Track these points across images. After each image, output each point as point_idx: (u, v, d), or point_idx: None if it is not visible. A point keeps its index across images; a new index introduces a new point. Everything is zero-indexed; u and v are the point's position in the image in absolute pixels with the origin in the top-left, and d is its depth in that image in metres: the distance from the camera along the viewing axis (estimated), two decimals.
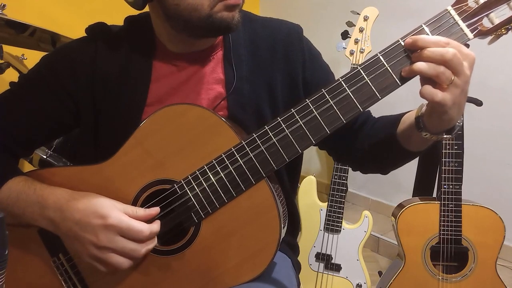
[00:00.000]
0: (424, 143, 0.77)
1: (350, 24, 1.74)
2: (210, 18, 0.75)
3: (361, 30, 1.70)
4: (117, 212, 0.72)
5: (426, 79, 0.65)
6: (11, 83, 0.90)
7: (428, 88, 0.64)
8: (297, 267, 1.00)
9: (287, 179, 0.93)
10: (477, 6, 0.64)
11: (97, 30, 0.89)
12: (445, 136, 0.72)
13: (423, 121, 0.72)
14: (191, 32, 0.81)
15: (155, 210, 0.76)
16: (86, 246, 0.73)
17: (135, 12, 0.91)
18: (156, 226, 0.75)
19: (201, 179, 0.75)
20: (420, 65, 0.64)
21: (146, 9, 0.86)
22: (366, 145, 0.87)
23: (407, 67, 0.66)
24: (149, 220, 0.76)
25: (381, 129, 0.85)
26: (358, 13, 1.73)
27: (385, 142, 0.82)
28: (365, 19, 1.70)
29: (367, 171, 0.96)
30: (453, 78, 0.63)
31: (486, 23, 0.65)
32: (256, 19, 0.92)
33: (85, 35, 0.90)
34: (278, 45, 0.88)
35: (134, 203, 0.78)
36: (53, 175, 0.83)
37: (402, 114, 0.81)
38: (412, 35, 0.66)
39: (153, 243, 0.75)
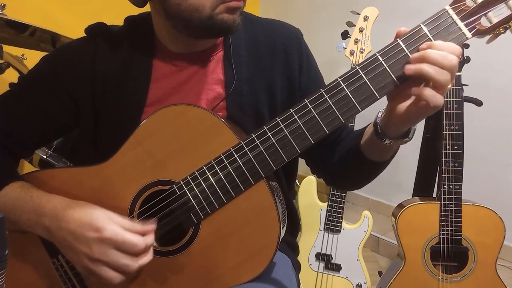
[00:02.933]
0: (384, 151, 0.78)
1: (350, 24, 1.74)
2: (211, 19, 0.75)
3: (361, 30, 1.70)
4: (113, 225, 0.71)
5: (417, 80, 0.65)
6: (11, 84, 0.90)
7: (431, 91, 0.63)
8: (297, 266, 1.00)
9: (284, 179, 0.93)
10: (475, 5, 0.64)
11: (97, 30, 0.89)
12: (404, 140, 0.73)
13: (381, 127, 0.73)
14: (191, 33, 0.80)
15: (152, 226, 0.74)
16: (79, 257, 0.72)
17: (135, 12, 0.91)
18: (150, 239, 0.73)
19: (200, 179, 0.75)
20: (428, 68, 0.63)
21: (147, 8, 0.87)
22: (336, 157, 0.88)
23: (412, 65, 0.64)
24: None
25: (348, 142, 0.87)
26: (358, 13, 1.73)
27: (351, 154, 0.83)
28: (365, 19, 1.70)
29: (339, 185, 0.97)
30: (450, 86, 0.64)
31: (484, 22, 0.65)
32: (257, 21, 0.92)
33: (85, 35, 0.90)
34: (278, 48, 0.88)
35: (132, 205, 0.78)
36: (51, 178, 0.83)
37: (366, 126, 0.81)
38: (410, 34, 0.66)
39: (148, 256, 0.73)
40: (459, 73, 1.43)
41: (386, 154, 0.79)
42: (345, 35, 1.76)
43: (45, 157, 1.52)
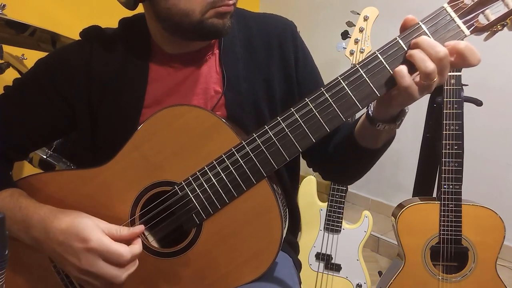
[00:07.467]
0: (376, 137, 0.78)
1: (350, 24, 1.74)
2: (201, 24, 0.75)
3: (361, 30, 1.71)
4: (99, 234, 0.70)
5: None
6: (5, 87, 0.90)
7: (404, 70, 0.64)
8: (298, 265, 1.00)
9: (288, 177, 0.93)
10: (472, 3, 0.65)
11: (92, 33, 0.89)
12: (396, 123, 0.73)
13: (372, 111, 0.74)
14: (182, 36, 0.81)
15: (140, 228, 0.74)
16: (69, 268, 0.73)
17: (130, 13, 0.91)
18: (137, 247, 0.73)
19: (202, 180, 0.75)
20: (417, 52, 0.63)
21: (141, 9, 0.87)
22: (332, 147, 0.89)
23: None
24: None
25: (343, 131, 0.87)
26: (358, 13, 1.73)
27: (345, 142, 0.84)
28: (365, 19, 1.70)
29: (333, 176, 1.00)
30: (435, 79, 0.63)
31: (482, 20, 0.65)
32: (250, 16, 0.92)
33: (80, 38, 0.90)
34: (273, 42, 0.89)
35: (134, 207, 0.78)
36: (47, 183, 0.82)
37: (361, 116, 0.82)
38: (409, 32, 0.66)
39: (135, 266, 0.73)
40: (459, 73, 1.43)
41: (378, 141, 0.79)
42: (345, 35, 1.76)
43: (45, 157, 1.52)
